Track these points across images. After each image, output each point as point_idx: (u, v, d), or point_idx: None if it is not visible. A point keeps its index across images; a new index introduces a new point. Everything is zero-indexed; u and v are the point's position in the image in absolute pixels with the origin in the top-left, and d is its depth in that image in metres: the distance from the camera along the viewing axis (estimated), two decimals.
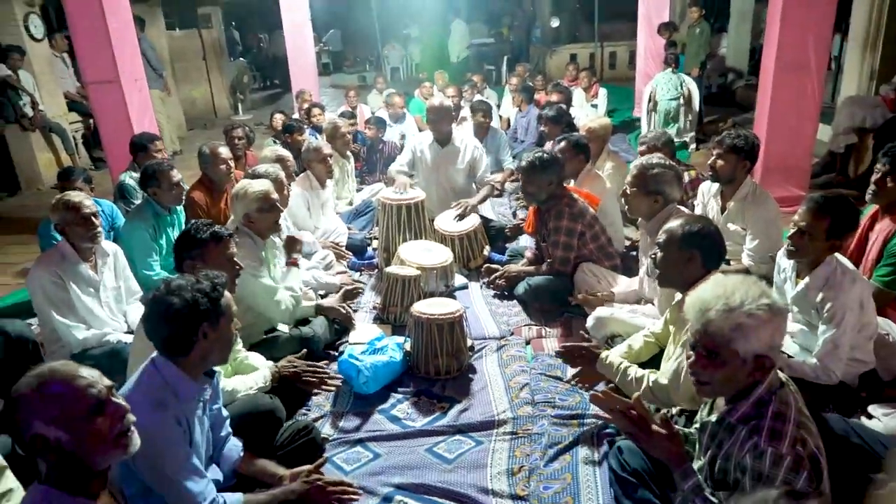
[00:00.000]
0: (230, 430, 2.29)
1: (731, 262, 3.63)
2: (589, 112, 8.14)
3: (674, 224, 2.47)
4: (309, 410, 2.86)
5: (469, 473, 2.42)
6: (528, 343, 3.37)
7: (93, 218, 3.07)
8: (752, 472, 1.57)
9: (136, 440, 1.55)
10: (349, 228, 4.80)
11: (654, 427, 1.77)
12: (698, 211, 3.90)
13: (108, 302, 3.25)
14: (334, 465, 2.50)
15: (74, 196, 3.07)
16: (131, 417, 1.54)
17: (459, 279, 4.08)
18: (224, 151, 4.33)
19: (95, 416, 1.46)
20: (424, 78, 10.39)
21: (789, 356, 2.74)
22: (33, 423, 1.41)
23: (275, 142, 6.15)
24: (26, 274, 3.17)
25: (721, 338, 1.62)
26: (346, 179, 5.43)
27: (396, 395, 2.97)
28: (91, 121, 7.61)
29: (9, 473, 2.03)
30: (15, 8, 7.19)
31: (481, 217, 4.60)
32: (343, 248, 4.43)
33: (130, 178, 4.59)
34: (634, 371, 2.47)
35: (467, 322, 3.29)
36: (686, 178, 4.30)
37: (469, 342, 3.27)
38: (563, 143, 4.19)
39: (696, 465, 1.81)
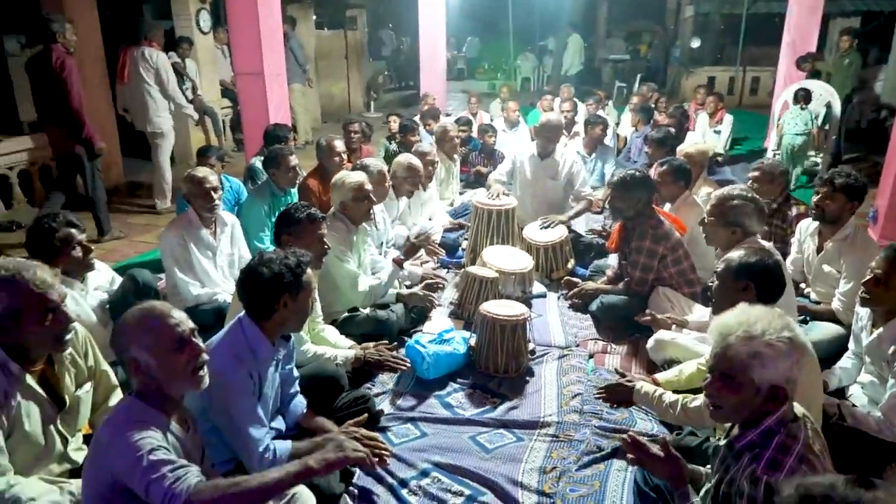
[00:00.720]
0: (298, 388, 2.60)
1: (822, 304, 3.49)
2: (711, 138, 7.88)
3: (733, 254, 2.48)
4: (373, 385, 3.14)
5: (503, 465, 2.57)
6: (591, 357, 3.45)
7: (212, 192, 3.55)
8: (747, 498, 1.61)
9: (206, 379, 1.86)
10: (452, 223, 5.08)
11: (654, 450, 1.85)
12: (794, 248, 3.77)
13: (223, 266, 3.73)
14: (385, 437, 2.74)
15: (200, 171, 3.57)
16: (205, 357, 1.85)
17: (538, 287, 4.21)
18: (339, 145, 4.75)
19: (178, 350, 1.77)
20: (549, 90, 10.49)
21: (854, 405, 2.64)
22: (130, 347, 1.75)
23: (389, 142, 6.56)
24: None
25: (739, 363, 1.67)
26: (450, 181, 5.71)
27: (454, 385, 3.18)
28: (238, 107, 8.48)
29: (118, 392, 2.46)
30: (190, 4, 8.19)
31: (572, 231, 4.69)
32: (436, 245, 4.69)
33: (258, 162, 5.14)
34: (668, 397, 2.48)
35: (531, 326, 3.43)
36: (794, 211, 4.15)
37: (531, 346, 3.40)
38: (664, 167, 4.18)
39: (706, 487, 1.86)
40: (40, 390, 2.12)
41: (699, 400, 2.42)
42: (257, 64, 5.89)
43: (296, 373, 2.59)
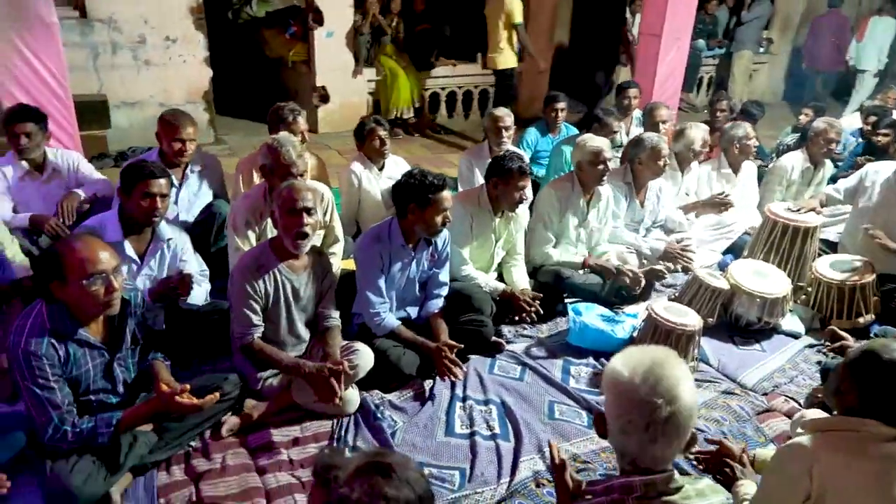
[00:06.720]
0: (442, 294, 3.21)
1: None
2: None
3: (879, 343, 1.86)
4: (527, 328, 3.48)
5: (548, 434, 2.69)
6: (760, 412, 2.93)
7: (504, 130, 4.29)
8: None
9: (304, 248, 2.66)
10: None
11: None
12: None
13: None
14: (491, 363, 3.17)
15: (499, 111, 4.37)
16: (307, 230, 2.59)
17: (793, 324, 3.57)
18: (664, 114, 4.79)
19: (292, 214, 2.57)
20: None
21: None
22: (275, 206, 2.67)
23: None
24: None
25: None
26: (806, 187, 4.88)
27: (593, 361, 3.24)
28: None
29: (340, 245, 3.49)
30: None
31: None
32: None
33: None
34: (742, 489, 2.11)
35: (697, 344, 3.12)
36: None
37: (691, 363, 3.11)
38: None
39: None
40: None
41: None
42: (658, 26, 6.01)
43: (444, 278, 3.20)
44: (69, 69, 4.49)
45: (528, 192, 3.39)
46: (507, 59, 6.63)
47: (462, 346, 2.98)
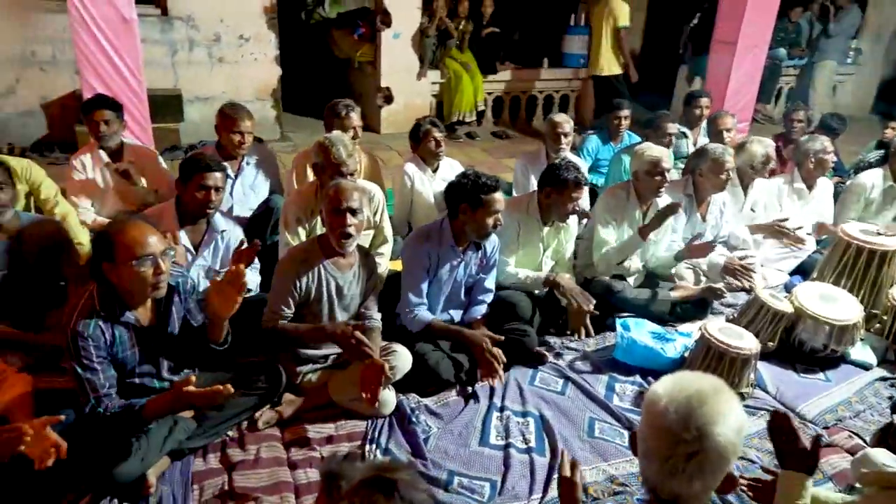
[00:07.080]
0: (486, 300, 3.17)
1: None
2: None
3: None
4: (573, 340, 3.36)
5: (585, 452, 2.61)
6: (819, 448, 2.73)
7: (563, 136, 4.19)
8: None
9: (349, 247, 2.67)
10: None
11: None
12: None
13: None
14: (533, 373, 3.09)
15: (557, 117, 4.26)
16: (351, 231, 2.60)
17: (863, 353, 3.32)
18: (729, 122, 4.76)
19: (336, 214, 2.60)
20: None
21: None
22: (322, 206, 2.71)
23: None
24: None
25: None
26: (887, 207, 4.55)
27: (639, 379, 3.11)
28: None
29: (389, 245, 3.50)
30: None
31: None
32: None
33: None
34: None
35: (753, 369, 2.94)
36: None
37: (746, 389, 2.94)
38: None
39: None
40: None
41: None
42: (733, 33, 5.76)
43: (489, 285, 3.16)
44: (149, 64, 4.72)
45: (584, 201, 3.29)
46: (612, 65, 6.54)
47: (502, 338, 2.91)
